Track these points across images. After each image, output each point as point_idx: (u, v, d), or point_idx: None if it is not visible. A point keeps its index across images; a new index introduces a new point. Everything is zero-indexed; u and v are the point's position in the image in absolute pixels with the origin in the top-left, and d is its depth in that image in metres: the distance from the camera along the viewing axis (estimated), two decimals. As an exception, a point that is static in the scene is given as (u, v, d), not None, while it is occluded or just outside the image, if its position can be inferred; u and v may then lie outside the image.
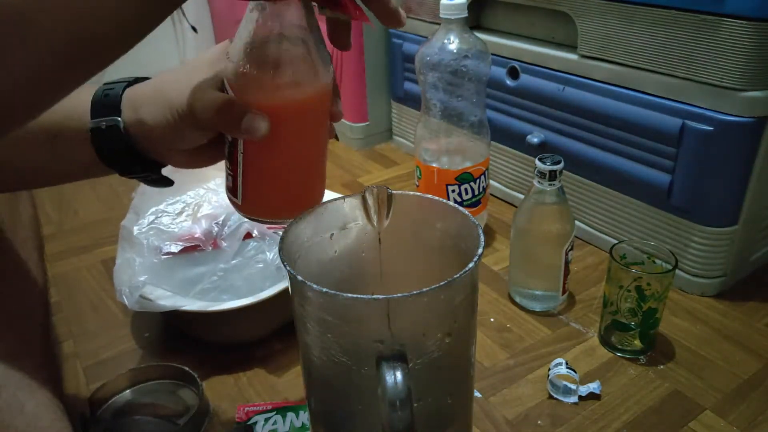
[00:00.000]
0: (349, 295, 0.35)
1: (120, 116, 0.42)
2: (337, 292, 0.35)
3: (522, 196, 0.92)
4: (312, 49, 0.38)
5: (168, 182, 0.47)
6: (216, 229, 0.67)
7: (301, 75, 0.38)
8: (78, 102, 0.43)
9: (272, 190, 0.42)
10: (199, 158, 0.44)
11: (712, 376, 0.62)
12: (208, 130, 0.41)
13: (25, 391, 0.48)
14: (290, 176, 0.42)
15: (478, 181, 0.81)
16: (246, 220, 0.67)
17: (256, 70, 0.38)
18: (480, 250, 0.39)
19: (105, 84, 0.43)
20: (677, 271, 0.73)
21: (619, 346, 0.65)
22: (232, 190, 0.42)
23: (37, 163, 0.44)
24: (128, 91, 0.43)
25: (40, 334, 0.57)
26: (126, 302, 0.61)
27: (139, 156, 0.44)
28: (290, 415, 0.57)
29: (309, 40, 0.38)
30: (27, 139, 0.42)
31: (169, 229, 0.67)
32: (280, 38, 0.37)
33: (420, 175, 0.83)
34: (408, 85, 1.11)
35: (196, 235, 0.66)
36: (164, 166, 0.46)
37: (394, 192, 0.46)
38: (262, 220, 0.44)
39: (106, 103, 0.42)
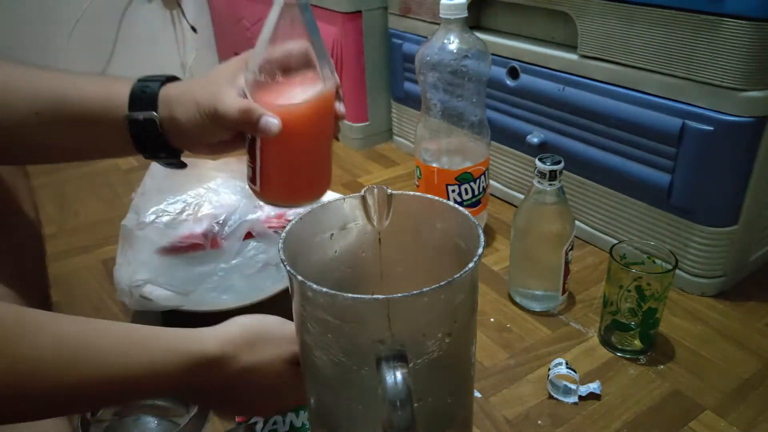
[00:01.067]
0: (350, 295, 0.35)
1: (156, 111, 0.48)
2: (337, 292, 0.35)
3: (522, 196, 0.92)
4: (317, 61, 0.45)
5: (183, 165, 0.54)
6: (216, 228, 0.67)
7: (309, 84, 0.45)
8: (115, 94, 0.49)
9: (286, 179, 0.48)
10: (219, 149, 0.51)
11: (712, 375, 0.62)
12: (230, 129, 0.47)
13: None
14: (301, 167, 0.48)
15: (478, 181, 0.81)
16: (247, 218, 0.67)
17: (269, 80, 0.45)
18: (480, 250, 0.39)
19: (139, 80, 0.49)
20: (677, 271, 0.73)
21: (619, 346, 0.65)
22: (252, 179, 0.49)
23: (74, 144, 0.50)
24: (162, 89, 0.49)
25: None
26: (126, 301, 0.61)
27: (166, 144, 0.50)
28: (290, 415, 0.57)
29: (315, 52, 0.45)
30: (68, 123, 0.48)
31: (170, 229, 0.67)
32: (290, 52, 0.44)
33: (420, 175, 0.83)
34: (408, 85, 1.11)
35: (197, 235, 0.66)
36: (184, 152, 0.53)
37: (393, 192, 0.46)
38: (278, 204, 0.51)
39: (144, 98, 0.48)
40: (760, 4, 0.59)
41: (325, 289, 0.35)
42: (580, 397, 0.59)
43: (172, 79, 0.51)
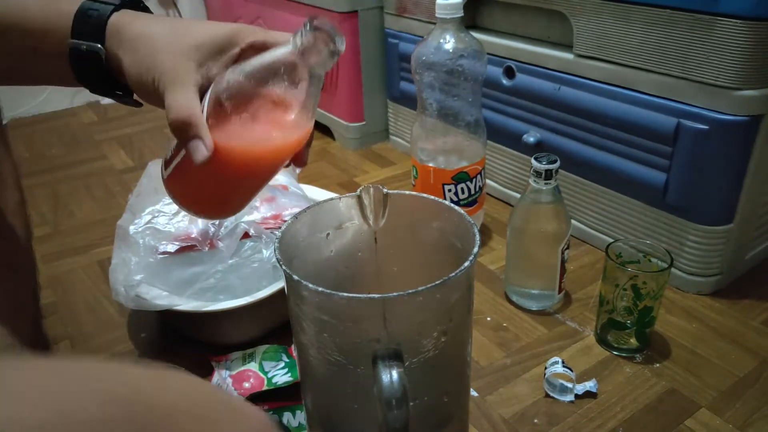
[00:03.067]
0: (345, 294, 0.35)
1: (102, 44, 0.41)
2: (333, 292, 0.35)
3: (518, 196, 0.92)
4: (302, 109, 0.42)
5: (137, 104, 0.46)
6: (212, 229, 0.67)
7: (278, 129, 0.42)
8: (59, 14, 0.41)
9: (196, 192, 0.46)
10: None
11: (707, 374, 0.62)
12: None
13: None
14: (216, 192, 0.45)
15: (474, 180, 0.81)
16: (243, 219, 0.67)
17: (239, 104, 0.40)
18: (476, 249, 0.39)
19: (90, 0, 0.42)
20: (673, 270, 0.73)
21: (616, 345, 0.65)
22: (166, 163, 0.45)
23: (17, 65, 0.44)
24: (114, 17, 0.41)
25: (31, 326, 0.56)
26: (122, 301, 0.61)
27: (114, 80, 0.43)
28: (287, 414, 0.57)
29: (306, 99, 0.42)
30: (8, 48, 0.42)
31: (166, 229, 0.67)
32: (280, 90, 0.41)
33: (416, 174, 0.83)
34: (404, 84, 1.11)
35: (193, 235, 0.66)
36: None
37: (389, 191, 0.46)
38: (173, 200, 0.47)
39: (90, 22, 0.41)
40: (754, 3, 0.59)
41: (320, 289, 0.36)
42: (577, 396, 0.60)
43: (131, 4, 0.43)
